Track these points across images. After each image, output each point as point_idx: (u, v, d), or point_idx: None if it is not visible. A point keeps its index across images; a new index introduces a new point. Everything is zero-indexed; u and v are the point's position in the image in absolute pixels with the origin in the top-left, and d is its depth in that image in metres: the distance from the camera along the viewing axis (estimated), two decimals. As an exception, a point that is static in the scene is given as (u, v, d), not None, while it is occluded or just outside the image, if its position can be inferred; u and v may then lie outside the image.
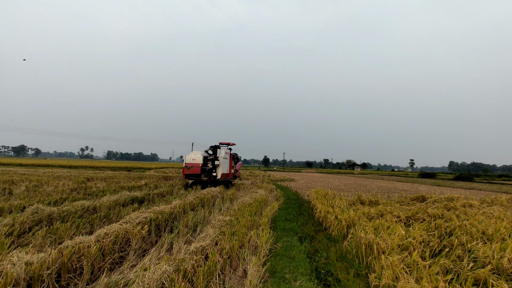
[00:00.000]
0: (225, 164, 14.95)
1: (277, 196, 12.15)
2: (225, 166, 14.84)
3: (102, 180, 16.10)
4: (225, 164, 14.86)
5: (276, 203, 9.08)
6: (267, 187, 15.48)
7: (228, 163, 15.54)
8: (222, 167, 14.47)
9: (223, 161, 14.65)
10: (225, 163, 14.85)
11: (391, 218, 5.40)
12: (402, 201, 11.39)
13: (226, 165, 15.03)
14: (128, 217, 5.35)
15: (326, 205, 7.17)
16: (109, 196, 7.86)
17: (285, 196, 12.16)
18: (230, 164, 15.95)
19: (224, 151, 15.05)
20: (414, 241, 3.48)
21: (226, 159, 15.20)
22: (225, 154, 14.91)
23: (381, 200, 11.23)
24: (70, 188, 10.85)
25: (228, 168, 15.52)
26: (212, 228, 5.00)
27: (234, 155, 17.97)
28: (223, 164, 14.57)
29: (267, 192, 13.91)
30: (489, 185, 33.69)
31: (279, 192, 12.79)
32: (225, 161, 15.00)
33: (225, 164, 14.86)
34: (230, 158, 16.26)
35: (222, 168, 14.46)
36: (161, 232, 5.54)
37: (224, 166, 14.75)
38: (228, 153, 15.92)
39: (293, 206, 9.05)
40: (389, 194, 17.03)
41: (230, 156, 16.29)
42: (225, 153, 14.94)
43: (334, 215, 5.72)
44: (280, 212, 7.68)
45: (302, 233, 5.49)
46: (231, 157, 16.37)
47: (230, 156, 16.29)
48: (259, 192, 12.08)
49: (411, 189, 22.60)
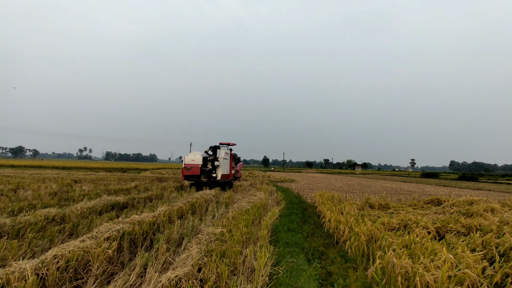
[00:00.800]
0: (225, 165, 14.46)
1: (277, 200, 11.14)
2: (225, 167, 14.35)
3: (90, 182, 15.08)
4: (225, 164, 14.36)
5: (276, 208, 8.08)
6: (266, 189, 14.47)
7: (228, 163, 15.00)
8: (222, 168, 13.94)
9: (223, 161, 14.11)
10: (225, 164, 14.35)
11: (420, 230, 4.41)
12: (415, 205, 10.40)
13: (226, 166, 14.55)
14: (96, 230, 4.34)
15: (335, 212, 6.17)
16: (86, 202, 6.84)
17: (286, 200, 11.15)
18: (231, 164, 15.48)
19: (224, 151, 14.53)
20: (469, 271, 2.50)
21: (227, 160, 14.70)
22: (225, 155, 14.41)
23: (392, 204, 10.24)
24: (50, 192, 9.83)
25: (228, 169, 15.02)
26: (198, 245, 3.99)
27: (235, 155, 17.31)
28: (223, 164, 14.04)
29: (267, 195, 12.90)
30: (496, 185, 32.72)
31: (280, 194, 11.79)
32: (225, 161, 14.48)
33: (225, 165, 14.36)
34: (231, 158, 15.71)
35: (222, 169, 13.93)
36: (137, 248, 4.53)
37: (224, 167, 14.26)
38: (229, 154, 15.41)
39: (296, 211, 8.06)
40: (396, 196, 16.05)
41: (231, 157, 15.74)
42: (225, 154, 14.43)
43: (347, 225, 4.73)
44: (282, 220, 6.68)
45: (310, 248, 4.50)
46: (231, 158, 15.82)
47: (231, 157, 15.74)
48: (257, 195, 11.07)
49: (418, 190, 21.62)
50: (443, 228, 4.72)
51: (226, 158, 14.64)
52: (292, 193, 14.77)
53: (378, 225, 4.56)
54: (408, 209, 9.73)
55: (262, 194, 11.81)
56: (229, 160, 15.32)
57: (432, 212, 9.17)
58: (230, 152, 15.94)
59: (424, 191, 21.49)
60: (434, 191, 21.91)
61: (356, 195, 16.29)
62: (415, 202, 10.56)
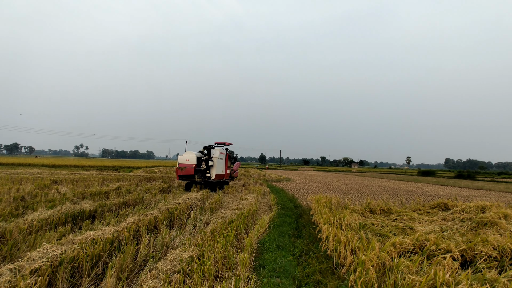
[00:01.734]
0: (220, 165, 14.29)
1: (270, 204, 10.22)
2: (219, 167, 14.18)
3: (71, 183, 14.01)
4: (219, 164, 14.20)
5: (267, 216, 7.14)
6: (259, 190, 13.56)
7: (223, 163, 14.81)
8: (216, 168, 13.78)
9: (218, 161, 13.96)
10: (219, 164, 14.19)
11: (441, 254, 3.51)
12: (420, 209, 9.56)
13: (221, 166, 14.39)
14: (26, 258, 3.36)
15: (333, 223, 5.27)
16: (41, 212, 5.83)
17: (280, 203, 10.23)
18: (226, 164, 15.26)
19: (219, 151, 14.39)
20: None
21: (221, 159, 14.54)
22: (219, 154, 14.26)
23: (394, 208, 9.38)
24: (17, 196, 8.77)
25: (223, 168, 14.84)
26: (154, 280, 3.03)
27: (231, 155, 16.78)
28: (217, 164, 13.88)
29: (259, 197, 11.98)
30: (494, 184, 32.21)
31: (273, 197, 10.86)
32: (220, 161, 14.31)
33: (219, 165, 14.19)
34: (226, 158, 15.36)
35: (216, 169, 13.77)
36: (82, 279, 3.55)
37: (219, 167, 14.12)
38: (224, 153, 15.09)
39: (289, 219, 7.14)
40: (396, 197, 15.24)
41: (226, 156, 15.41)
42: (219, 153, 14.29)
43: (349, 246, 3.82)
44: (272, 233, 5.75)
45: (303, 276, 3.58)
46: (227, 157, 15.48)
47: (226, 156, 15.41)
48: (248, 199, 10.14)
49: (417, 190, 20.88)
50: (469, 250, 3.83)
51: (220, 158, 14.42)
52: (287, 195, 13.87)
53: (388, 248, 3.65)
54: (412, 215, 8.88)
55: (254, 198, 10.88)
56: (224, 159, 15.06)
57: (440, 219, 8.32)
58: (226, 151, 15.76)
59: (423, 191, 20.76)
60: (434, 190, 21.21)
61: (354, 196, 15.46)
62: (419, 206, 9.72)
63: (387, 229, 6.47)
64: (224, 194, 12.83)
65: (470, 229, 6.88)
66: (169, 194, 11.50)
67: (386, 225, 6.89)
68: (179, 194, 11.25)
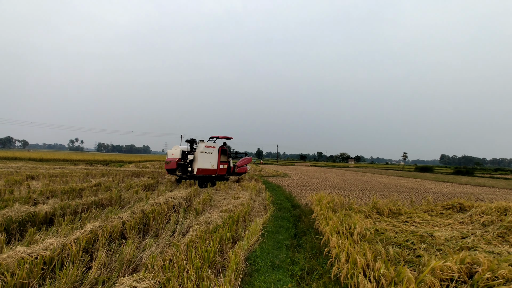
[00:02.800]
0: (205, 159, 13.89)
1: (265, 203, 9.17)
2: (204, 161, 13.81)
3: (49, 178, 12.80)
4: (203, 158, 13.80)
5: (260, 220, 6.08)
6: (254, 187, 12.50)
7: (211, 157, 14.37)
8: (198, 162, 13.46)
9: (200, 155, 13.60)
10: (203, 158, 13.81)
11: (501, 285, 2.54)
12: (432, 210, 8.58)
13: (206, 160, 13.98)
14: None
15: (342, 236, 4.22)
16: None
17: (276, 203, 9.18)
18: (219, 159, 14.81)
19: (205, 144, 14.07)
20: None
21: (208, 153, 14.15)
22: (204, 148, 13.93)
23: (403, 209, 8.39)
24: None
25: (212, 163, 14.42)
26: None
27: (227, 149, 15.98)
28: (199, 158, 13.52)
29: (254, 195, 10.93)
30: (495, 180, 31.58)
31: (268, 196, 9.80)
32: (205, 155, 13.94)
33: (203, 159, 13.80)
34: (219, 152, 14.85)
35: (199, 163, 13.47)
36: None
37: (203, 161, 13.74)
38: (214, 147, 14.64)
39: (287, 224, 6.08)
40: (399, 194, 14.30)
41: (219, 150, 14.88)
42: (205, 147, 13.95)
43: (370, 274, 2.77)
44: (265, 243, 4.68)
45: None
46: (219, 151, 14.89)
47: (219, 150, 14.88)
48: (241, 198, 9.07)
49: (419, 187, 20.02)
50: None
51: (207, 152, 14.07)
52: (284, 193, 12.83)
53: (429, 280, 2.60)
54: (424, 216, 7.91)
55: (247, 196, 9.82)
56: (213, 154, 14.55)
57: (457, 222, 7.34)
58: (224, 145, 15.48)
59: (425, 188, 19.91)
60: (436, 187, 20.39)
61: (356, 194, 14.50)
62: (431, 207, 8.73)
63: (402, 236, 5.45)
64: (215, 192, 11.76)
65: (497, 235, 5.91)
66: (154, 192, 10.39)
67: (400, 231, 5.87)
68: (165, 192, 10.14)
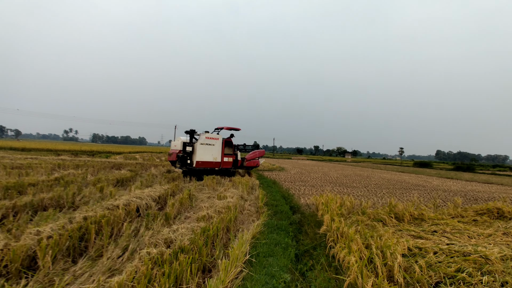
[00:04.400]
0: (204, 151, 13.51)
1: (257, 204, 7.53)
2: (203, 153, 13.47)
3: (8, 170, 10.99)
4: (203, 150, 13.45)
5: (249, 234, 4.43)
6: (247, 183, 10.84)
7: (212, 149, 13.86)
8: (197, 154, 13.16)
9: (200, 147, 13.27)
10: (203, 150, 13.46)
11: None
12: (462, 216, 7.02)
13: (205, 152, 13.58)
14: None
15: (364, 257, 2.64)
16: None
17: (271, 204, 7.54)
18: (223, 151, 14.26)
19: (206, 136, 13.64)
20: None
21: (208, 145, 13.70)
22: (206, 140, 13.57)
23: (427, 213, 6.83)
24: None
25: (214, 155, 13.93)
26: None
27: (230, 141, 14.96)
28: (198, 150, 13.19)
29: (245, 193, 9.29)
30: (499, 177, 30.41)
31: (262, 195, 8.15)
32: (205, 147, 13.55)
33: (203, 151, 13.45)
34: (223, 144, 14.26)
35: (198, 155, 13.16)
36: None
37: (202, 153, 13.40)
38: (217, 138, 14.08)
39: (284, 238, 4.44)
40: (408, 193, 12.81)
41: (223, 142, 14.30)
42: (205, 138, 13.57)
43: None
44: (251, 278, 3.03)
45: None
46: (223, 143, 14.29)
47: (223, 142, 14.30)
48: (228, 197, 7.41)
49: (426, 184, 18.58)
50: None
51: (207, 144, 13.61)
52: (280, 190, 11.21)
53: None
54: (454, 224, 6.34)
55: (237, 195, 8.17)
56: (215, 146, 14.00)
57: (500, 233, 5.79)
58: (231, 137, 14.94)
59: (432, 185, 18.51)
60: (442, 184, 19.01)
61: (360, 191, 12.97)
62: (459, 211, 7.17)
63: (446, 260, 3.86)
64: (201, 188, 10.09)
65: None
66: (126, 188, 8.69)
67: (441, 250, 4.26)
68: (139, 188, 8.44)
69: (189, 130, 13.67)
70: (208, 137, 13.71)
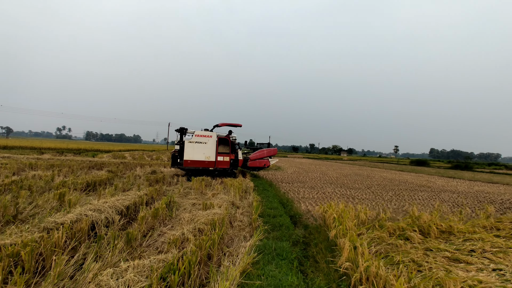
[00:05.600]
0: (192, 149, 12.52)
1: (251, 212, 6.26)
2: (191, 151, 12.49)
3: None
4: (191, 148, 12.49)
5: (238, 261, 3.16)
6: (240, 185, 9.53)
7: (203, 148, 12.76)
8: (185, 152, 12.35)
9: (188, 145, 12.44)
10: (191, 148, 12.50)
11: None
12: (497, 228, 5.86)
13: (195, 150, 12.58)
14: None
15: None
16: None
17: (268, 214, 6.26)
18: (217, 149, 13.03)
19: (196, 133, 12.68)
20: None
21: (201, 143, 12.71)
22: (196, 137, 12.62)
23: (456, 225, 5.63)
24: None
25: (205, 154, 12.80)
26: None
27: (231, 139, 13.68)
28: (186, 148, 12.38)
29: (238, 198, 8.00)
30: (500, 176, 29.71)
31: (256, 202, 6.86)
32: (196, 145, 12.59)
33: (191, 149, 12.49)
34: (217, 142, 13.04)
35: (185, 154, 12.34)
36: None
37: (190, 151, 12.44)
38: (210, 136, 12.89)
39: (287, 267, 3.16)
40: (416, 195, 11.67)
41: (217, 140, 13.07)
42: (196, 136, 12.63)
43: None
44: None
45: None
46: (217, 141, 13.06)
47: (217, 140, 13.07)
48: (215, 206, 6.11)
49: (430, 185, 17.54)
50: None
51: (198, 142, 12.64)
52: (278, 193, 9.95)
53: None
54: (491, 239, 5.16)
55: (227, 201, 6.88)
56: (209, 144, 12.86)
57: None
58: (229, 134, 13.66)
59: (436, 185, 17.49)
60: (447, 184, 18.03)
61: (364, 194, 11.80)
62: (493, 222, 5.99)
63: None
64: (186, 193, 8.76)
65: None
66: (96, 193, 7.32)
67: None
68: (113, 194, 7.08)
69: (179, 128, 13.00)
70: (198, 135, 12.78)
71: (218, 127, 13.66)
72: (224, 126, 13.94)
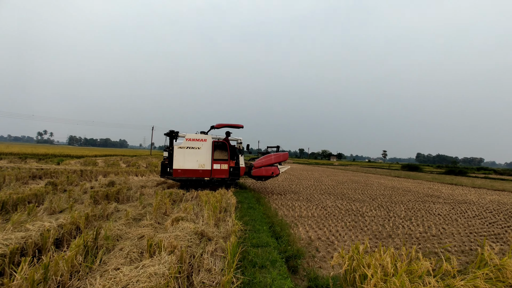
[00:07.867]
0: (183, 156, 10.54)
1: (226, 251, 3.90)
2: (181, 159, 10.50)
3: None
4: (182, 155, 10.52)
5: None
6: (218, 201, 7.14)
7: (196, 154, 10.70)
8: (174, 160, 10.46)
9: (177, 151, 10.51)
10: (182, 154, 10.53)
11: None
12: None
13: (186, 157, 10.57)
14: None
15: None
16: None
17: (252, 261, 3.92)
18: (212, 156, 10.91)
19: (187, 137, 10.70)
20: None
21: (193, 149, 10.67)
22: (187, 142, 10.63)
23: None
24: None
25: (199, 162, 10.71)
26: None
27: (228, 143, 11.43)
28: (176, 155, 10.48)
29: (211, 224, 5.62)
30: (499, 182, 28.57)
31: (237, 229, 4.56)
32: (187, 151, 10.60)
33: (181, 156, 10.52)
34: (212, 147, 10.92)
35: (174, 162, 10.44)
36: None
37: (180, 159, 10.48)
38: (205, 140, 10.82)
39: None
40: (429, 205, 9.68)
41: (212, 144, 10.95)
42: (186, 140, 10.64)
43: None
44: None
45: None
46: (213, 146, 10.96)
47: (212, 144, 10.95)
48: (162, 253, 3.72)
49: (440, 194, 15.72)
50: None
51: (190, 147, 10.63)
52: (268, 213, 7.63)
53: None
54: None
55: (191, 232, 4.53)
56: (203, 149, 10.78)
57: None
58: (227, 136, 11.77)
59: (442, 193, 15.74)
60: (453, 193, 16.32)
61: (371, 208, 9.66)
62: None
63: None
64: (149, 210, 6.30)
65: None
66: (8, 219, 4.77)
67: None
68: (37, 217, 4.57)
69: (168, 131, 10.96)
70: (190, 139, 10.67)
71: (214, 128, 11.38)
72: (223, 128, 11.43)
